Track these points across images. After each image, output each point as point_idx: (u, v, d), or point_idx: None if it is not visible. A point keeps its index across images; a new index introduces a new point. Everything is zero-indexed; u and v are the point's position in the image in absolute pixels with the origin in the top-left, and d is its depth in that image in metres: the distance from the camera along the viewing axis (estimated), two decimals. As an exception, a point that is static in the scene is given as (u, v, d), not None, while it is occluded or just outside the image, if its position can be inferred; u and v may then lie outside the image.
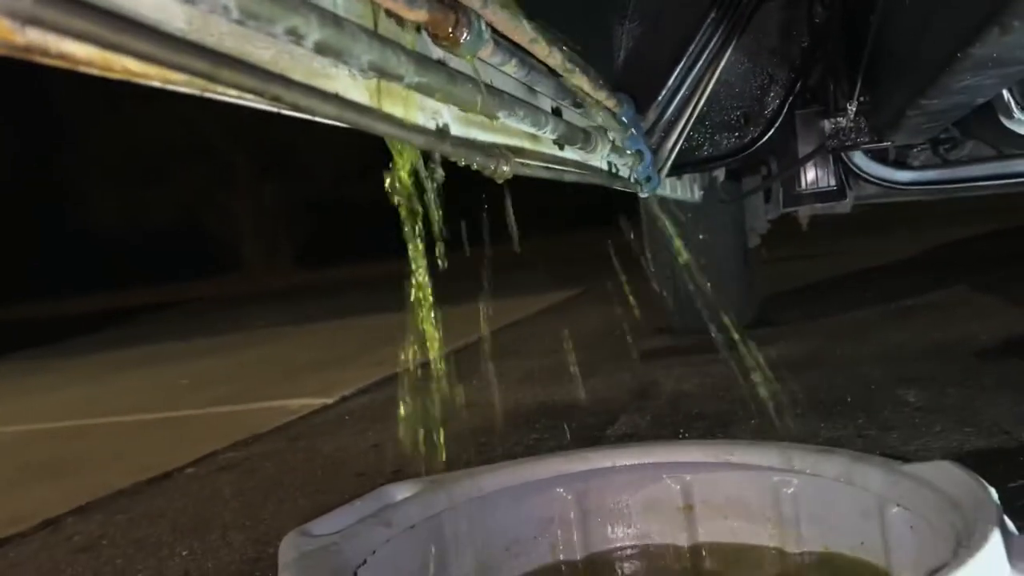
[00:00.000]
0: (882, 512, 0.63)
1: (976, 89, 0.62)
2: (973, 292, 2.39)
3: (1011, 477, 0.97)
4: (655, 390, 1.70)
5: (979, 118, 0.90)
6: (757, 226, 2.17)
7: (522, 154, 0.68)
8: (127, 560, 1.13)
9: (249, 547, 1.11)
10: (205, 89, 0.33)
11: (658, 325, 2.44)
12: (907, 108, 0.74)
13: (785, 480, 0.71)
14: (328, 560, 0.60)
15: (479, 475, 0.76)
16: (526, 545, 0.79)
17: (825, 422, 1.29)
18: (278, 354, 3.44)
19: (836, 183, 1.36)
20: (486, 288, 2.09)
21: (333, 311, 5.07)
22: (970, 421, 1.20)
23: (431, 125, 0.53)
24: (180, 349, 4.30)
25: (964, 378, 1.45)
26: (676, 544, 0.78)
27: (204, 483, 1.47)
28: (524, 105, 0.61)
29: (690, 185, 1.72)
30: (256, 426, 1.87)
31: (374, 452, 1.52)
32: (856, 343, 1.90)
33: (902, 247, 3.84)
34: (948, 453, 1.09)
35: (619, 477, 0.79)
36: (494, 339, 2.89)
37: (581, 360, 2.17)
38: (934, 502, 0.56)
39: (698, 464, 0.75)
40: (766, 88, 1.15)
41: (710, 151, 1.19)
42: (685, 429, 1.38)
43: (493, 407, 1.76)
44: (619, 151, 0.95)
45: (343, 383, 2.29)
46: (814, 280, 3.19)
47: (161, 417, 2.29)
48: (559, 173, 0.72)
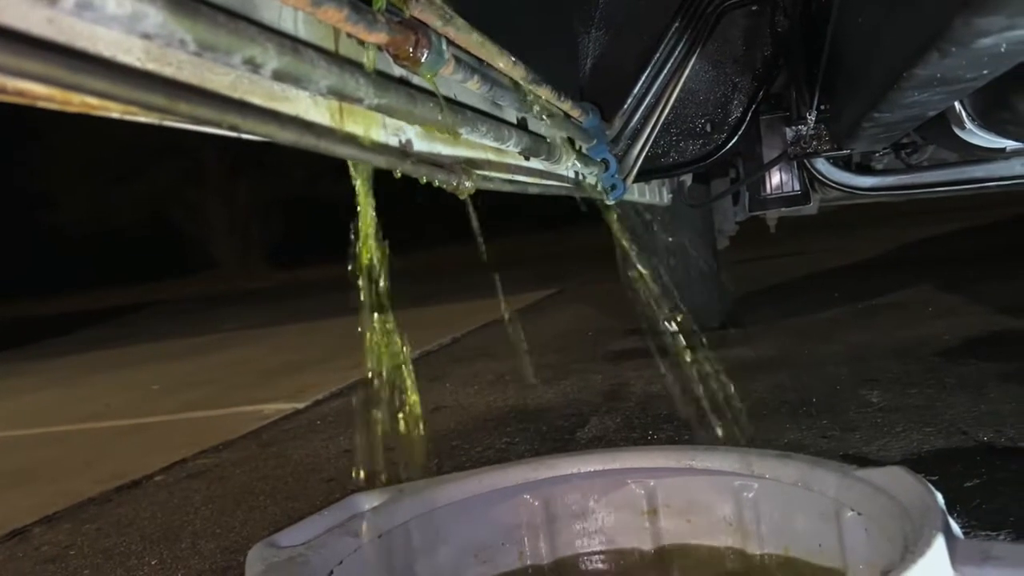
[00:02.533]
0: (838, 516, 0.65)
1: (926, 104, 0.64)
2: (938, 291, 2.43)
3: (968, 476, 1.00)
4: (625, 392, 1.72)
5: (936, 127, 0.93)
6: (726, 228, 2.20)
7: (487, 166, 0.69)
8: (95, 570, 1.12)
9: (219, 555, 1.11)
10: (163, 119, 0.33)
11: (629, 326, 2.46)
12: (862, 120, 0.76)
13: (746, 484, 0.73)
14: (295, 571, 0.60)
15: (446, 483, 0.77)
16: (494, 551, 0.80)
17: (791, 423, 1.32)
18: (250, 357, 3.42)
19: (800, 187, 1.39)
20: (459, 289, 2.07)
21: (306, 312, 5.05)
22: (930, 421, 1.23)
23: (394, 141, 0.54)
24: (151, 352, 4.27)
25: (926, 378, 1.48)
26: (641, 548, 0.80)
27: (174, 491, 1.47)
28: (487, 120, 0.62)
29: (659, 189, 1.74)
30: (227, 432, 1.86)
31: (345, 458, 1.52)
32: (823, 343, 1.93)
33: (869, 247, 3.90)
34: (908, 453, 1.12)
35: (585, 483, 0.80)
36: (467, 340, 2.90)
37: (553, 362, 2.19)
38: (886, 507, 0.58)
39: (661, 469, 0.77)
40: (730, 96, 1.17)
41: (676, 158, 1.21)
42: (654, 431, 1.39)
43: (465, 410, 1.77)
44: (585, 160, 0.97)
45: (316, 387, 2.28)
46: (782, 281, 3.23)
47: (131, 423, 2.27)
48: (522, 186, 0.73)
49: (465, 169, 0.56)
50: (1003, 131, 0.78)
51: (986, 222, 4.11)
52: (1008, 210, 4.12)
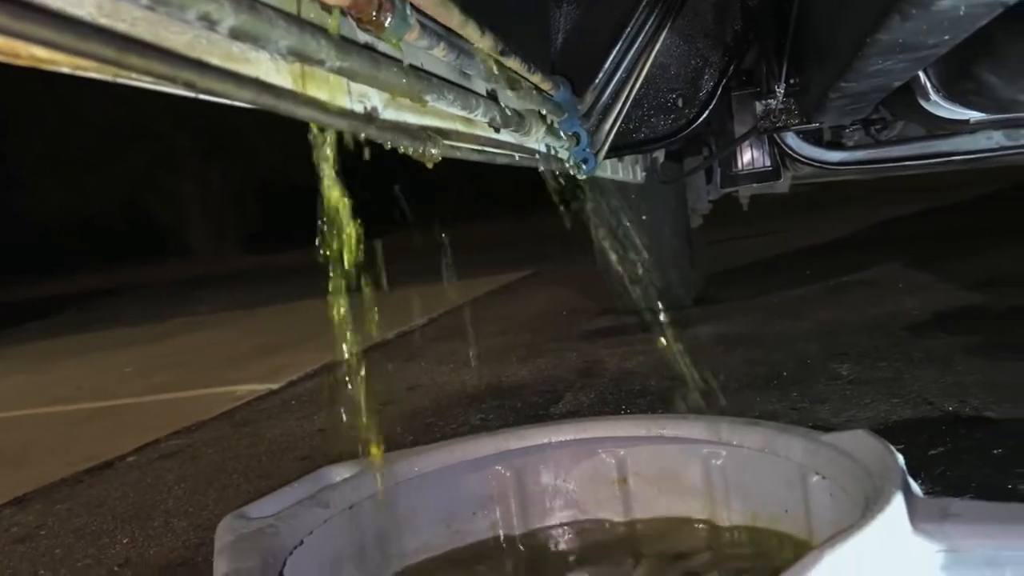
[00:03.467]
0: (804, 481, 0.66)
1: (890, 73, 0.64)
2: (907, 269, 2.46)
3: (933, 445, 1.02)
4: (599, 369, 1.73)
5: (903, 100, 0.94)
6: (699, 206, 2.21)
7: (456, 137, 0.69)
8: (66, 550, 1.12)
9: (192, 533, 1.10)
10: (117, 75, 0.33)
11: (604, 305, 2.47)
12: (829, 91, 0.77)
13: (714, 452, 0.74)
14: (264, 542, 0.60)
15: (417, 455, 0.77)
16: (466, 522, 0.80)
17: (761, 396, 1.33)
18: (224, 340, 3.39)
19: (771, 163, 1.40)
20: (435, 270, 2.09)
21: (281, 295, 5.02)
22: (898, 393, 1.25)
23: (359, 109, 0.53)
24: (125, 336, 4.22)
25: (895, 352, 1.50)
26: (612, 519, 0.80)
27: (146, 471, 1.46)
28: (454, 88, 0.61)
29: (632, 167, 1.74)
30: (200, 413, 1.85)
31: (319, 436, 1.52)
32: (794, 320, 1.95)
33: (840, 227, 3.93)
34: (875, 423, 1.13)
35: (556, 453, 0.80)
36: (443, 321, 2.90)
37: (528, 341, 2.19)
38: (850, 470, 0.59)
39: (632, 439, 0.77)
40: (701, 70, 1.17)
41: (647, 133, 1.21)
42: (628, 405, 1.40)
43: (440, 388, 1.77)
44: (555, 133, 0.96)
45: (290, 368, 2.27)
46: (755, 260, 3.26)
47: (104, 406, 2.25)
48: (491, 156, 0.73)
49: (432, 136, 0.55)
50: (967, 102, 0.79)
51: (953, 202, 4.16)
52: (974, 190, 4.18)
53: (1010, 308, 1.75)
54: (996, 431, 1.04)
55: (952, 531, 0.46)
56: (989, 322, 1.64)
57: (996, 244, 2.66)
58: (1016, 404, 1.12)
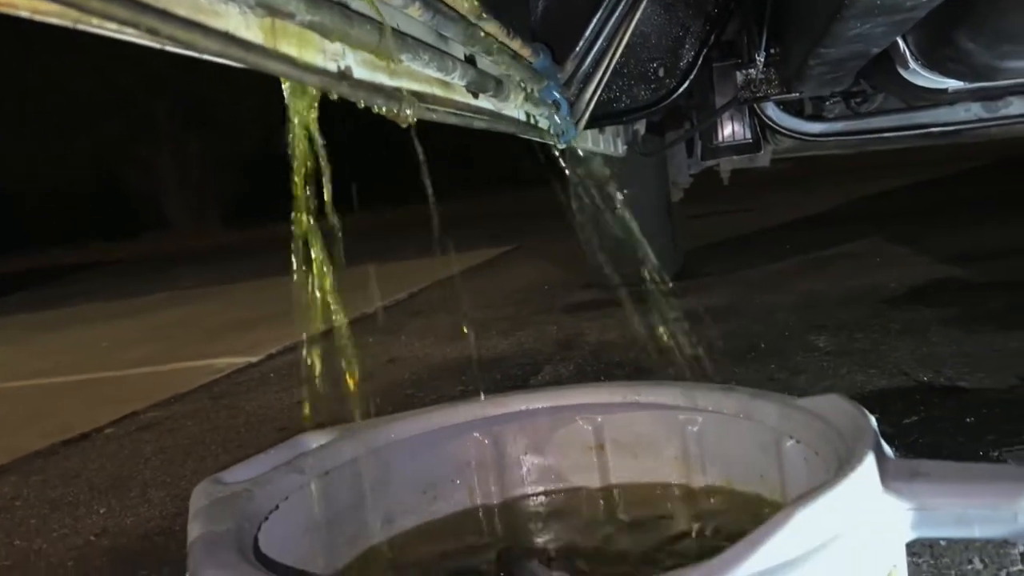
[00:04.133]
0: (779, 445, 0.66)
1: (869, 38, 0.64)
2: (886, 243, 2.48)
3: (907, 414, 1.03)
4: (580, 341, 1.73)
5: (882, 70, 0.93)
6: (680, 180, 2.21)
7: (433, 100, 0.68)
8: (42, 520, 1.11)
9: (169, 503, 1.10)
10: (78, 21, 0.32)
11: (586, 279, 2.47)
12: (809, 58, 0.76)
13: (690, 418, 0.74)
14: (239, 506, 0.60)
15: (395, 421, 0.77)
16: (443, 489, 0.80)
17: (739, 367, 1.34)
18: (203, 314, 3.37)
19: (752, 136, 1.40)
20: (416, 246, 2.06)
21: (261, 270, 4.98)
22: (874, 364, 1.26)
23: (332, 67, 0.52)
24: (101, 310, 4.18)
25: (872, 324, 1.51)
26: (588, 484, 0.81)
27: (123, 443, 1.45)
28: (430, 49, 0.60)
29: (613, 139, 1.73)
30: (178, 386, 1.84)
31: (298, 408, 1.51)
32: (774, 293, 1.96)
33: (820, 202, 3.95)
34: (852, 393, 1.14)
35: (534, 420, 0.80)
36: (424, 295, 2.89)
37: (509, 314, 2.19)
38: (823, 433, 0.59)
39: (608, 405, 0.77)
40: (682, 40, 1.17)
41: (628, 103, 1.20)
42: (606, 377, 1.41)
43: (420, 361, 1.77)
44: (535, 101, 0.96)
45: (270, 341, 2.26)
46: (736, 235, 3.27)
47: (81, 379, 2.23)
48: (468, 120, 0.72)
49: (407, 97, 0.55)
50: (945, 69, 0.79)
51: (933, 178, 4.19)
52: (953, 166, 4.20)
53: (986, 281, 1.76)
54: (969, 400, 1.05)
55: (922, 490, 0.47)
56: (966, 295, 1.65)
57: (975, 219, 2.68)
58: (989, 374, 1.14)
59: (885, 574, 0.45)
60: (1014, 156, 3.91)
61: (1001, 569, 0.67)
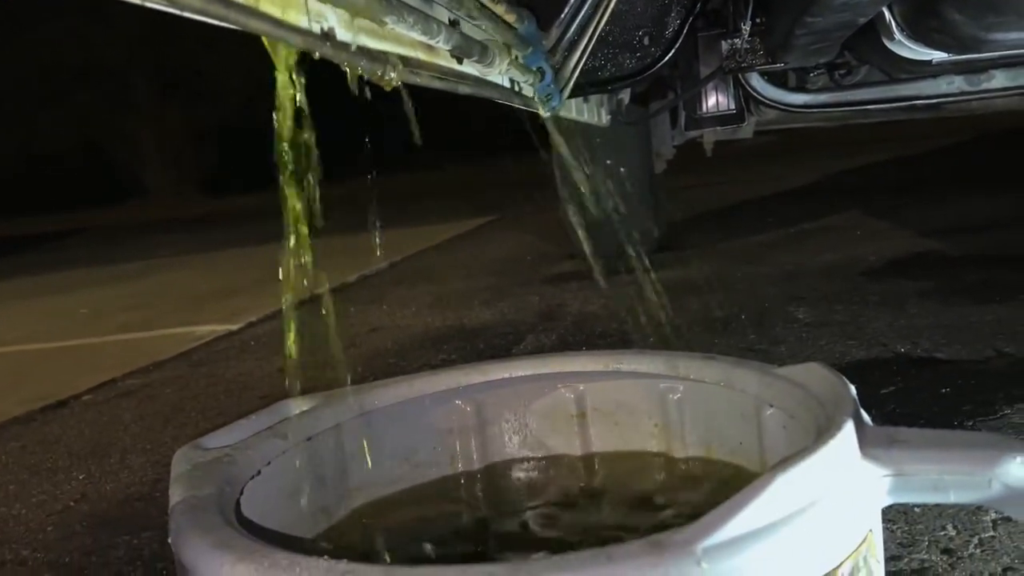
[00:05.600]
0: (758, 413, 0.67)
1: (856, 7, 0.64)
2: (866, 216, 2.50)
3: (884, 384, 1.04)
4: (561, 312, 1.74)
5: (867, 41, 0.93)
6: (663, 151, 2.21)
7: (417, 64, 0.67)
8: (20, 486, 1.11)
9: (149, 469, 1.10)
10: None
11: (568, 250, 2.47)
12: (795, 28, 0.76)
13: (672, 387, 0.74)
14: (221, 471, 0.60)
15: (377, 388, 0.77)
16: (425, 456, 0.81)
17: (720, 338, 1.35)
18: (183, 282, 3.35)
19: (736, 107, 1.39)
20: (397, 216, 2.05)
21: (242, 238, 4.94)
22: (853, 335, 1.27)
23: (315, 29, 0.51)
24: (79, 277, 4.14)
25: (851, 296, 1.52)
26: (570, 452, 0.81)
27: (102, 409, 1.44)
28: (414, 12, 0.60)
29: (597, 108, 1.72)
30: (158, 353, 1.83)
31: (279, 376, 1.51)
32: (754, 265, 1.97)
33: (803, 176, 3.96)
34: (830, 364, 1.15)
35: (516, 387, 0.80)
36: (405, 265, 2.88)
37: (491, 284, 2.19)
38: (802, 400, 0.60)
39: (590, 373, 0.78)
40: (668, 8, 1.16)
41: (613, 71, 1.19)
42: (588, 347, 1.41)
43: (402, 330, 1.77)
44: (520, 67, 0.95)
45: (250, 310, 2.25)
46: (718, 207, 3.27)
47: (58, 346, 2.21)
48: (453, 84, 0.71)
49: (391, 59, 0.54)
50: (930, 40, 0.79)
51: (913, 153, 4.21)
52: (934, 142, 4.22)
53: (964, 255, 1.78)
54: (945, 371, 1.06)
55: (899, 456, 0.47)
56: (943, 268, 1.67)
57: (955, 193, 2.70)
58: (965, 346, 1.15)
59: (861, 538, 0.46)
60: (994, 131, 3.93)
61: (974, 535, 0.69)
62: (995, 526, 0.70)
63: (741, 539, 0.40)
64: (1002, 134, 3.80)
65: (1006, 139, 3.76)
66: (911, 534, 0.70)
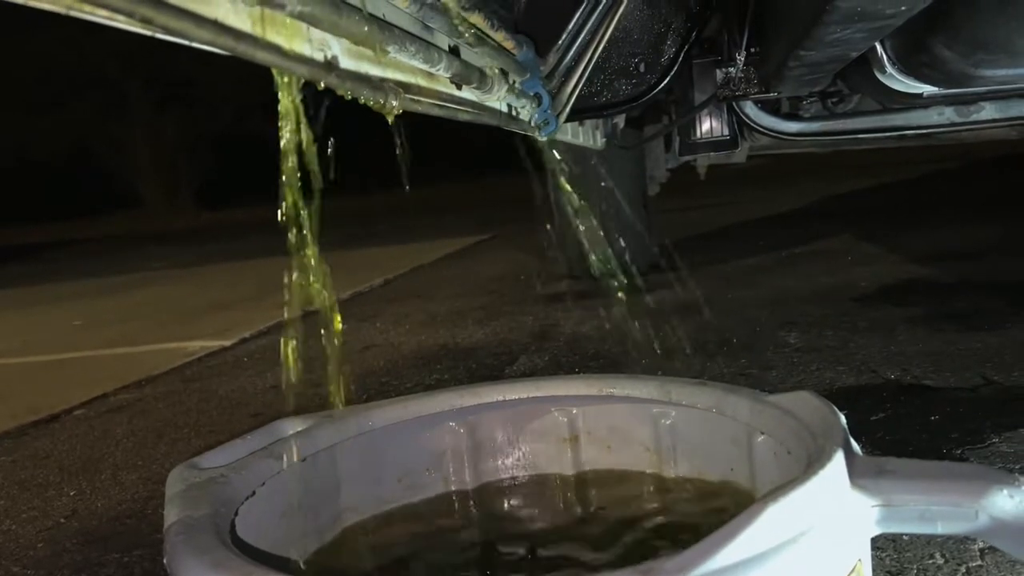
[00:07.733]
0: (750, 440, 0.68)
1: (848, 42, 0.65)
2: (857, 241, 2.52)
3: (874, 411, 1.05)
4: (555, 332, 1.74)
5: (859, 73, 0.95)
6: (657, 174, 2.22)
7: (417, 91, 0.68)
8: (11, 501, 1.10)
9: (141, 486, 1.10)
10: (70, 8, 0.32)
11: (562, 270, 2.48)
12: (788, 60, 0.77)
13: (664, 412, 0.75)
14: (215, 492, 0.60)
15: (371, 409, 0.77)
16: (419, 477, 0.81)
17: (711, 362, 1.36)
18: (176, 295, 3.34)
19: (729, 133, 1.41)
20: (393, 233, 2.05)
21: (235, 252, 4.94)
22: (843, 361, 1.28)
23: (319, 57, 0.52)
24: (73, 289, 4.13)
25: (842, 321, 1.53)
26: (562, 473, 0.82)
27: (94, 424, 1.44)
28: (416, 41, 0.61)
29: (593, 132, 1.74)
30: (151, 368, 1.83)
31: (272, 393, 1.51)
32: (746, 288, 1.98)
33: (795, 199, 3.99)
34: (820, 390, 1.16)
35: (509, 410, 0.81)
36: (400, 282, 2.89)
37: (485, 304, 2.20)
38: (794, 429, 0.60)
39: (583, 397, 0.78)
40: (664, 36, 1.17)
41: (609, 97, 1.21)
42: (581, 368, 1.42)
43: (395, 348, 1.77)
44: (517, 93, 0.96)
45: (243, 325, 2.25)
46: (710, 230, 3.29)
47: (51, 359, 2.21)
48: (453, 111, 0.72)
49: (393, 87, 0.55)
50: (921, 75, 0.80)
51: (904, 179, 4.24)
52: (927, 167, 4.26)
53: (953, 282, 1.80)
54: (934, 398, 1.07)
55: (887, 486, 0.48)
56: (933, 294, 1.68)
57: (945, 220, 2.73)
58: (954, 373, 1.16)
59: (851, 568, 0.46)
60: (984, 159, 3.97)
61: (961, 564, 0.69)
62: (983, 555, 0.70)
63: (731, 568, 0.41)
64: (993, 161, 3.84)
65: (997, 167, 3.79)
66: (900, 562, 0.71)
